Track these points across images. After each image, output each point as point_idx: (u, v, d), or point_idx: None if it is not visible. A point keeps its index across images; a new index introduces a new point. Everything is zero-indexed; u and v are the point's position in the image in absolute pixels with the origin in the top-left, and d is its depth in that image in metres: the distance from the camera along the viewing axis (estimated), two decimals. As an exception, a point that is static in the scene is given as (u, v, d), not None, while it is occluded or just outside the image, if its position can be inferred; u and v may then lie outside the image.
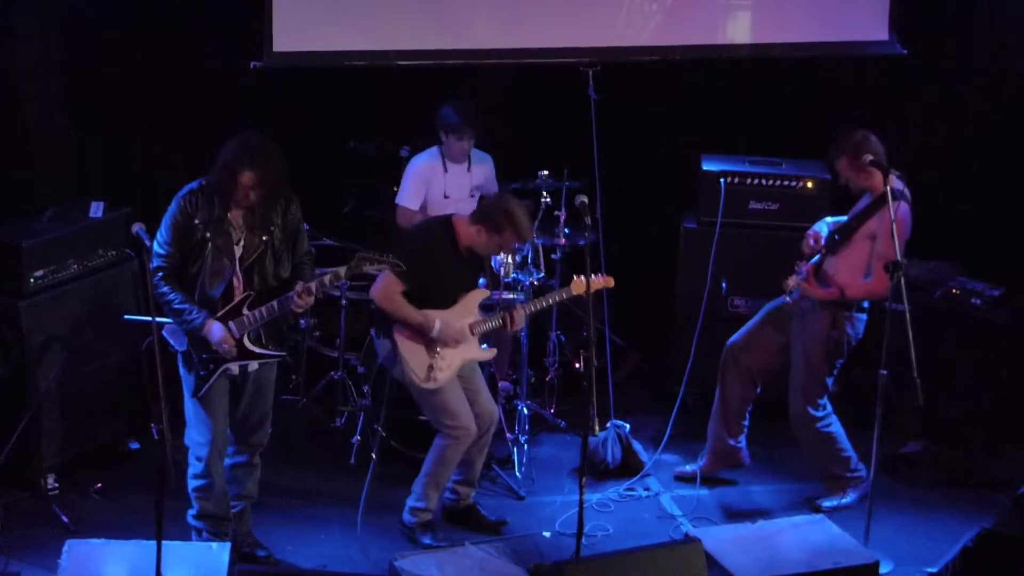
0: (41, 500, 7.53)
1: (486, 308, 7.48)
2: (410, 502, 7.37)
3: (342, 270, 6.86)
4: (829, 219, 7.77)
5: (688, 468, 8.02)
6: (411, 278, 7.07)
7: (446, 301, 7.24)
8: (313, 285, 6.73)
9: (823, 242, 7.56)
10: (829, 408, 7.70)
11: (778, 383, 7.83)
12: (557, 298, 7.51)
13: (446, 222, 7.29)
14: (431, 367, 7.17)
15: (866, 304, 7.51)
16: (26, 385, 7.50)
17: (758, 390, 7.89)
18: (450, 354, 7.22)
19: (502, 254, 7.72)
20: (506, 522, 7.53)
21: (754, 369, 7.82)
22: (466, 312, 7.29)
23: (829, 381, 7.65)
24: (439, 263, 7.19)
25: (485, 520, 7.54)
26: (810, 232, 7.65)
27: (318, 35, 8.50)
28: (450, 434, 7.23)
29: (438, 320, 7.15)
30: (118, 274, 7.93)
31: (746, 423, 7.95)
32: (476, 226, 7.17)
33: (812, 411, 7.63)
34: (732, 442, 7.94)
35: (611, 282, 7.51)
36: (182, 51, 8.69)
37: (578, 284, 7.31)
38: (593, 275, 7.26)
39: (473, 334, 7.29)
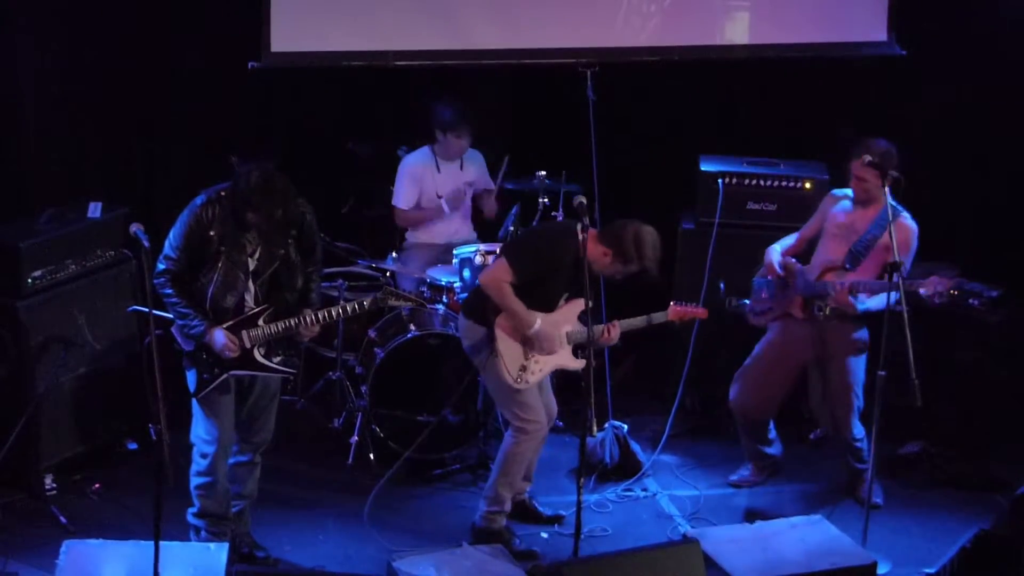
0: (39, 500, 7.53)
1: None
2: (483, 507, 7.32)
3: (367, 301, 6.90)
4: (778, 246, 7.79)
5: (735, 477, 8.04)
6: (524, 273, 7.00)
7: (545, 305, 7.15)
8: (322, 315, 6.76)
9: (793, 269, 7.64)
10: None
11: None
12: (650, 322, 7.42)
13: (575, 233, 6.94)
14: (523, 367, 7.12)
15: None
16: (24, 385, 7.49)
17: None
18: (544, 359, 7.18)
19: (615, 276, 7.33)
20: (562, 517, 7.53)
21: (772, 407, 7.86)
22: (566, 320, 7.22)
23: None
24: (555, 269, 7.08)
25: (541, 514, 7.56)
26: (775, 263, 7.69)
27: (316, 35, 8.50)
28: (524, 428, 7.19)
29: (539, 320, 7.09)
30: (116, 274, 7.92)
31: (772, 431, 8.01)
32: (605, 249, 7.05)
33: (859, 430, 7.66)
34: (767, 450, 7.98)
35: (704, 313, 7.50)
36: (180, 51, 8.69)
37: (674, 311, 7.39)
38: (688, 304, 7.44)
39: (569, 342, 7.24)
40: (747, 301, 7.92)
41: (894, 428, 7.93)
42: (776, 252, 7.76)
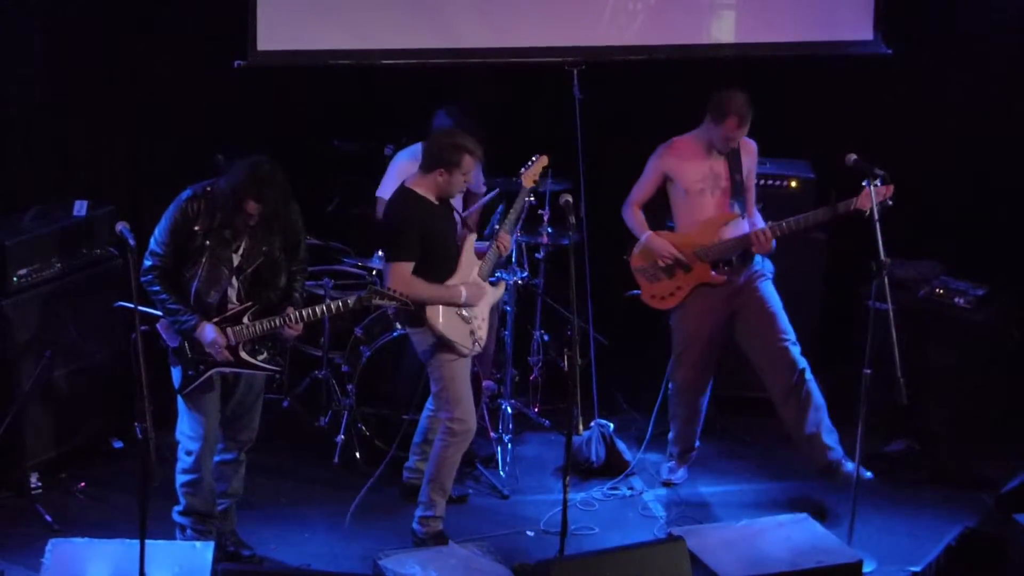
0: (24, 499, 7.52)
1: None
2: (419, 512, 7.30)
3: (351, 299, 6.87)
4: (646, 228, 7.84)
5: (672, 477, 8.04)
6: (411, 252, 6.98)
7: (451, 263, 7.17)
8: (306, 313, 6.75)
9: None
10: None
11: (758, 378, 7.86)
12: (520, 206, 7.53)
13: (403, 189, 7.15)
14: (471, 332, 7.15)
15: None
16: (9, 384, 7.48)
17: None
18: (478, 310, 7.21)
19: (466, 183, 7.33)
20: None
21: (710, 372, 7.90)
22: (470, 264, 7.25)
23: None
24: (426, 218, 7.07)
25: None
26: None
27: (302, 34, 8.49)
28: (453, 429, 7.16)
29: (462, 286, 7.12)
30: (102, 273, 7.91)
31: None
32: (434, 173, 7.07)
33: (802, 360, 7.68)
34: (698, 443, 8.03)
35: (545, 160, 7.55)
36: (166, 49, 8.66)
37: (526, 176, 7.46)
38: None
39: (484, 279, 7.29)
40: (637, 292, 7.89)
41: (880, 426, 7.96)
42: (655, 236, 7.76)
